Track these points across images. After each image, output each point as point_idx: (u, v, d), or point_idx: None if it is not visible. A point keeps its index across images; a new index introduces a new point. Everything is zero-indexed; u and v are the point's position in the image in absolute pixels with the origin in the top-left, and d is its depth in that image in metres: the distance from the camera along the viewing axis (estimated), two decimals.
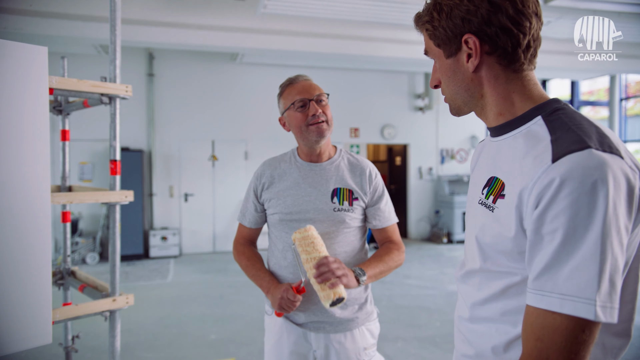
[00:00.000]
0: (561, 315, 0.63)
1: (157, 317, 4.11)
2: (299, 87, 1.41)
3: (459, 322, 0.89)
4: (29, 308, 1.50)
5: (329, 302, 1.23)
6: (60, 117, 2.29)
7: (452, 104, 0.85)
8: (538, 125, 0.74)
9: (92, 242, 6.58)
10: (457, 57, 0.79)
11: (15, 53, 1.48)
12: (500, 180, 0.76)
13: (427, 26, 0.81)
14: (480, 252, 0.79)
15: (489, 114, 0.81)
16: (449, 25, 0.77)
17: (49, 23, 4.85)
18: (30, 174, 1.48)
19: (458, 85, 0.81)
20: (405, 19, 5.45)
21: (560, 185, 0.64)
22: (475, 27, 0.74)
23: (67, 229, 2.32)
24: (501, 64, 0.77)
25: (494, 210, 0.75)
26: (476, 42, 0.75)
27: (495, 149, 0.82)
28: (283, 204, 1.42)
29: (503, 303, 0.77)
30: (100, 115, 6.30)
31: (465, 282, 0.87)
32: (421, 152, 8.37)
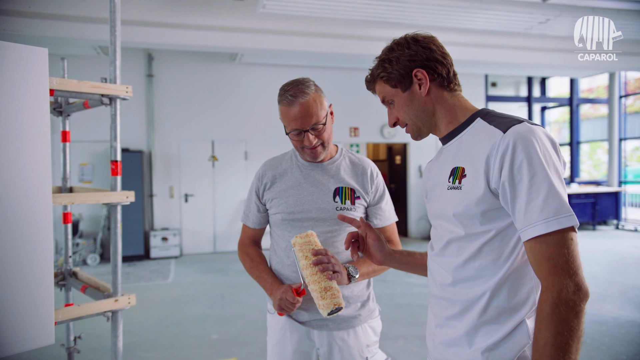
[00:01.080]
0: (554, 232, 0.85)
1: (158, 318, 4.12)
2: (295, 114, 1.34)
3: (439, 290, 1.06)
4: (31, 309, 1.50)
5: (328, 311, 1.23)
6: (60, 118, 2.30)
7: (414, 128, 1.09)
8: (479, 123, 1.02)
9: (93, 244, 6.59)
10: (412, 89, 1.06)
11: (15, 55, 1.48)
12: (461, 167, 1.01)
13: (382, 74, 1.09)
14: (459, 223, 0.99)
15: (441, 126, 1.08)
16: (400, 67, 1.05)
17: (47, 24, 4.86)
18: (31, 175, 1.49)
19: (416, 109, 1.07)
20: (404, 17, 5.45)
21: (515, 146, 0.90)
22: (420, 64, 1.04)
23: (69, 230, 2.32)
24: (442, 86, 1.06)
25: (462, 188, 0.99)
26: (424, 73, 1.04)
27: (450, 150, 1.06)
28: (285, 203, 1.43)
29: (480, 261, 0.97)
30: (100, 116, 6.31)
31: (443, 254, 1.05)
32: (421, 151, 8.38)
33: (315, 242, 1.32)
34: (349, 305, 1.41)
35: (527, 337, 0.93)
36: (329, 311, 1.23)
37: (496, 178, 0.92)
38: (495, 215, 0.95)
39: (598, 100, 10.08)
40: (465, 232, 0.99)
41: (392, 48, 1.09)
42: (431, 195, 1.14)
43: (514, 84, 9.74)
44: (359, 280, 1.37)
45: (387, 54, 1.09)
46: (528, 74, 8.99)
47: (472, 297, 0.98)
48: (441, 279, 1.06)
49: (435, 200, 1.11)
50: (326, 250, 1.29)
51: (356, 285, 1.43)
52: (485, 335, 0.96)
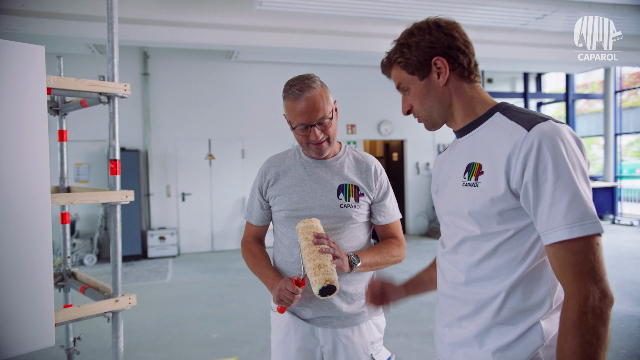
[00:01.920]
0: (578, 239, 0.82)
1: (157, 317, 4.10)
2: (301, 108, 1.33)
3: (451, 289, 1.03)
4: (31, 311, 1.48)
5: (319, 287, 1.19)
6: (57, 117, 2.27)
7: (429, 119, 1.05)
8: (498, 118, 0.98)
9: (90, 244, 6.55)
10: (429, 77, 1.01)
11: (11, 53, 1.46)
12: (477, 163, 0.97)
13: (400, 60, 1.03)
14: (475, 222, 0.96)
15: (457, 118, 1.04)
16: (420, 53, 1.00)
17: (42, 23, 4.80)
18: (29, 175, 1.46)
19: (433, 99, 1.02)
20: (401, 14, 5.44)
21: (540, 146, 0.86)
22: (440, 51, 0.99)
23: (67, 230, 2.30)
24: (462, 77, 1.01)
25: (479, 185, 0.95)
26: (444, 61, 0.99)
27: (465, 145, 1.03)
28: (289, 200, 1.41)
29: (495, 261, 0.94)
30: (95, 115, 6.26)
31: (456, 252, 1.02)
32: (418, 148, 8.39)
33: (318, 227, 1.31)
34: (353, 302, 1.41)
35: (541, 339, 0.91)
36: (320, 288, 1.19)
37: (518, 178, 0.88)
38: (513, 215, 0.92)
39: (593, 95, 10.11)
40: (482, 232, 0.95)
41: (412, 32, 1.02)
42: (442, 190, 1.10)
43: (510, 80, 9.75)
44: (361, 270, 1.36)
45: (407, 37, 1.02)
46: (524, 69, 9.00)
47: (486, 297, 0.95)
48: (453, 278, 1.03)
49: (447, 196, 1.07)
50: (327, 235, 1.29)
51: (360, 282, 1.42)
52: (497, 336, 0.94)
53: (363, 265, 1.35)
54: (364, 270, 1.38)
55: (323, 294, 1.21)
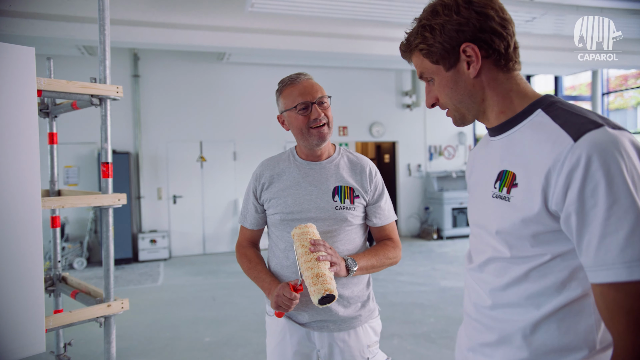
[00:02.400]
0: (635, 282, 0.66)
1: (149, 321, 4.05)
2: (301, 88, 1.37)
3: (476, 311, 0.90)
4: (21, 316, 1.46)
5: (318, 297, 1.19)
6: (47, 119, 2.24)
7: (457, 114, 0.89)
8: (540, 116, 0.80)
9: (80, 247, 6.47)
10: (457, 68, 0.84)
11: (1, 54, 1.43)
12: (511, 172, 0.81)
13: (421, 46, 0.86)
14: (504, 242, 0.82)
15: (490, 115, 0.87)
16: (445, 39, 0.82)
17: (30, 24, 4.74)
18: (19, 178, 1.44)
19: (461, 94, 0.86)
20: (393, 16, 5.46)
21: (589, 161, 0.68)
22: (470, 36, 0.81)
23: (57, 234, 2.27)
24: (497, 66, 0.84)
25: (510, 200, 0.80)
26: (475, 49, 0.82)
27: (499, 146, 0.86)
28: (284, 203, 1.41)
29: (525, 287, 0.80)
30: (85, 117, 6.20)
31: (482, 271, 0.89)
32: (409, 149, 8.42)
33: (314, 232, 1.31)
34: (349, 305, 1.40)
35: None
36: (319, 298, 1.18)
37: (558, 199, 0.72)
38: (551, 239, 0.76)
39: (581, 97, 10.24)
40: (512, 254, 0.81)
41: (435, 10, 0.84)
42: (472, 194, 0.96)
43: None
44: (357, 274, 1.36)
45: (430, 18, 0.84)
46: None
47: (513, 327, 0.81)
48: (477, 299, 0.90)
49: (475, 203, 0.93)
50: (324, 241, 1.29)
51: (356, 285, 1.42)
52: None
53: (360, 269, 1.35)
54: (361, 273, 1.38)
55: (322, 302, 1.20)
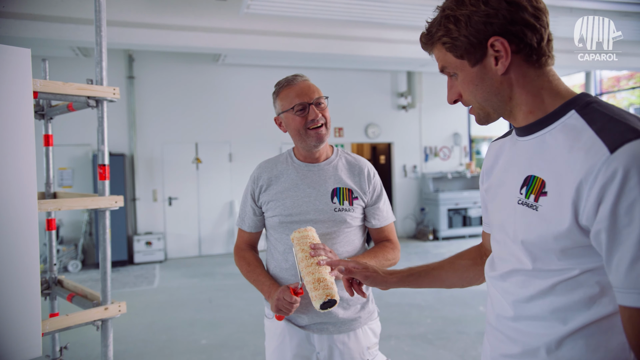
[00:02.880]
0: None
1: (145, 324, 4.03)
2: (298, 90, 1.37)
3: (497, 321, 0.86)
4: (17, 320, 1.44)
5: (320, 303, 1.18)
6: (42, 121, 2.22)
7: (481, 113, 0.82)
8: (573, 119, 0.73)
9: (74, 250, 6.42)
10: (484, 63, 0.77)
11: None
12: (539, 179, 0.75)
13: (444, 39, 0.79)
14: (528, 254, 0.77)
15: (518, 114, 0.80)
16: (471, 33, 0.75)
17: (24, 25, 4.71)
18: (16, 181, 1.43)
19: (487, 91, 0.79)
20: (388, 17, 5.47)
21: (626, 175, 0.63)
22: (499, 29, 0.74)
23: (53, 237, 2.25)
24: (528, 62, 0.76)
25: (538, 209, 0.74)
26: (504, 43, 0.74)
27: (527, 148, 0.80)
28: (282, 205, 1.40)
29: (551, 300, 0.75)
30: (79, 119, 6.15)
31: (505, 280, 0.84)
32: (405, 151, 8.44)
33: (314, 236, 1.30)
34: (349, 307, 1.40)
35: None
36: (321, 303, 1.18)
37: (589, 214, 0.67)
38: (581, 253, 0.71)
39: None
40: (534, 267, 0.76)
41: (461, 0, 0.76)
42: (495, 194, 0.89)
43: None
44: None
45: (454, 7, 0.77)
46: None
47: (537, 341, 0.77)
48: (500, 310, 0.85)
49: (497, 205, 0.87)
50: (324, 245, 1.28)
51: None
52: None
53: None
54: None
55: (323, 307, 1.20)
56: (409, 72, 8.12)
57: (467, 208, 7.89)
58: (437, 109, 8.48)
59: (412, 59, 6.75)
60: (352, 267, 1.06)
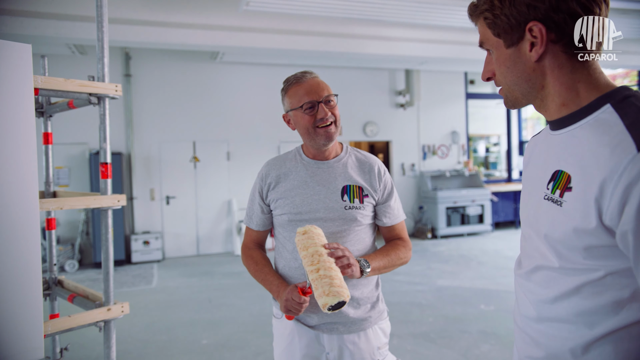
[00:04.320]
0: None
1: (144, 324, 3.99)
2: (307, 87, 1.35)
3: (522, 322, 0.84)
4: (19, 322, 1.42)
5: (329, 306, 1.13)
6: (41, 119, 2.19)
7: (510, 96, 0.81)
8: (607, 113, 0.70)
9: (71, 249, 6.37)
10: (519, 47, 0.75)
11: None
12: (566, 174, 0.73)
13: (487, 14, 0.77)
14: (553, 250, 0.75)
15: (550, 105, 0.78)
16: (513, 13, 0.73)
17: (19, 21, 4.65)
18: (17, 179, 1.40)
19: (518, 76, 0.77)
20: (386, 15, 5.45)
21: None
22: (542, 14, 0.71)
23: (53, 237, 2.22)
24: (567, 53, 0.74)
25: (562, 205, 0.72)
26: (542, 30, 0.72)
27: (558, 142, 0.78)
28: (291, 203, 1.38)
29: (576, 302, 0.72)
30: (75, 117, 6.10)
31: (529, 279, 0.82)
32: (403, 149, 8.43)
33: (319, 234, 1.27)
34: (359, 307, 1.38)
35: None
36: (330, 306, 1.14)
37: (613, 215, 0.65)
38: (607, 253, 0.68)
39: None
40: (560, 265, 0.74)
41: None
42: (525, 189, 0.88)
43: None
44: (370, 275, 1.33)
45: None
46: None
47: (562, 345, 0.75)
48: (524, 310, 0.83)
49: (527, 201, 0.85)
50: (338, 244, 1.25)
51: (365, 286, 1.40)
52: None
53: (372, 269, 1.33)
54: (373, 274, 1.35)
55: (332, 309, 1.15)
56: (407, 70, 8.10)
57: (466, 206, 7.89)
58: (435, 107, 8.48)
59: (410, 57, 6.73)
60: None
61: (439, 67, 7.91)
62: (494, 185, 8.64)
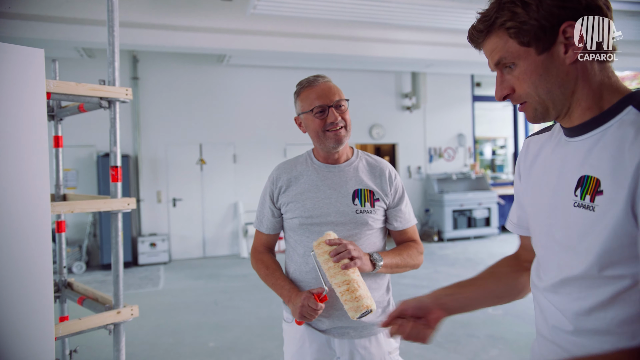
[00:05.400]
0: None
1: (151, 327, 4.00)
2: (318, 91, 1.35)
3: (554, 334, 0.81)
4: (30, 324, 1.42)
5: (358, 315, 1.19)
6: (52, 122, 2.20)
7: (539, 108, 0.77)
8: (632, 114, 0.70)
9: (79, 251, 6.40)
10: (552, 51, 0.73)
11: (10, 56, 1.40)
12: (594, 178, 0.71)
13: (509, 24, 0.74)
14: (583, 259, 0.73)
15: (576, 110, 0.76)
16: (543, 16, 0.71)
17: (30, 26, 4.69)
18: (29, 183, 1.41)
19: (552, 82, 0.74)
20: (392, 18, 5.45)
21: None
22: (573, 14, 0.70)
23: (62, 240, 2.23)
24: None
25: (595, 209, 0.70)
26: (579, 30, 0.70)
27: (577, 148, 0.77)
28: (302, 207, 1.38)
29: (615, 311, 0.70)
30: (83, 120, 6.13)
31: (557, 292, 0.79)
32: (409, 152, 8.41)
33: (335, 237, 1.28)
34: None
35: None
36: (359, 314, 1.19)
37: None
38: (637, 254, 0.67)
39: None
40: (589, 274, 0.73)
41: None
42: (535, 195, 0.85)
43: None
44: (382, 271, 1.33)
45: None
46: None
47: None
48: (556, 322, 0.80)
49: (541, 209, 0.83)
50: (341, 239, 1.26)
51: (376, 290, 1.39)
52: None
53: (385, 265, 1.32)
54: (385, 271, 1.35)
55: (359, 317, 1.20)
56: (413, 72, 8.09)
57: (472, 209, 7.85)
58: (441, 109, 8.46)
59: (416, 60, 6.72)
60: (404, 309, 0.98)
61: (445, 70, 7.90)
62: (500, 188, 8.59)
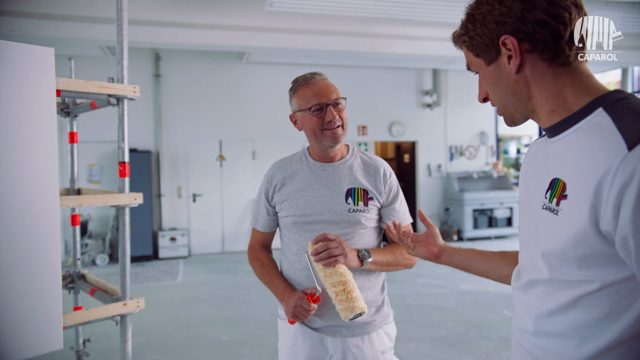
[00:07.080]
0: None
1: (167, 319, 4.10)
2: (316, 89, 1.34)
3: (519, 335, 0.83)
4: (39, 313, 1.48)
5: (350, 316, 1.20)
6: (68, 119, 2.27)
7: (505, 113, 0.83)
8: (600, 117, 0.69)
9: (102, 244, 6.60)
10: (498, 62, 0.78)
11: (21, 55, 1.45)
12: (562, 181, 0.71)
13: (464, 38, 0.81)
14: (547, 262, 0.73)
15: (541, 114, 0.78)
16: (484, 32, 0.77)
17: (55, 25, 4.85)
18: (38, 177, 1.46)
19: (504, 90, 0.79)
20: (412, 14, 5.38)
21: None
22: (511, 28, 0.74)
23: (77, 232, 2.30)
24: (544, 60, 0.74)
25: (559, 213, 0.71)
26: (514, 42, 0.74)
27: (553, 150, 0.77)
28: (296, 205, 1.38)
29: (574, 316, 0.71)
30: (109, 116, 6.31)
31: (526, 292, 0.80)
32: (430, 149, 8.30)
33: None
34: None
35: None
36: (351, 317, 1.19)
37: (610, 219, 0.63)
38: (602, 262, 0.67)
39: None
40: (552, 277, 0.73)
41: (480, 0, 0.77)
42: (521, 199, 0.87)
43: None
44: (372, 268, 1.33)
45: (475, 7, 0.78)
46: None
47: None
48: (522, 323, 0.82)
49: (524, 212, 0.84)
50: (325, 234, 1.26)
51: (370, 289, 1.38)
52: None
53: (374, 262, 1.32)
54: (375, 268, 1.34)
55: (352, 319, 1.22)
56: (434, 69, 7.97)
57: (493, 209, 7.70)
58: (463, 107, 8.30)
59: (437, 56, 6.62)
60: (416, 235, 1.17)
61: (458, 67, 7.74)
62: None
